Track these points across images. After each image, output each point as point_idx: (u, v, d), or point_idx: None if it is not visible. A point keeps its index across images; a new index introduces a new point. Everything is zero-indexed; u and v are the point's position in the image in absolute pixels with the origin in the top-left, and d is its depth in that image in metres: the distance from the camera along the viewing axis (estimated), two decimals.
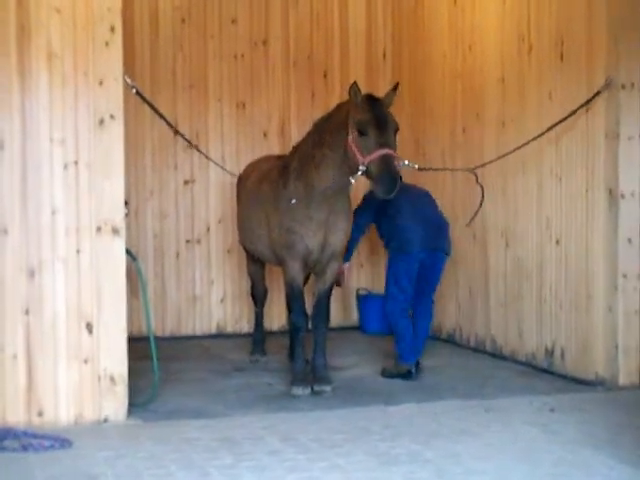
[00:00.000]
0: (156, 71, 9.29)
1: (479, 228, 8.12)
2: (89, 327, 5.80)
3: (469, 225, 8.17)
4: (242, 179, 8.12)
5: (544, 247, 7.46)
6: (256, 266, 8.19)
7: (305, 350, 6.95)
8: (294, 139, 8.60)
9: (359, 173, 6.25)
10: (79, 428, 5.70)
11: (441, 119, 9.13)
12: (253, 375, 7.50)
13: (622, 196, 6.73)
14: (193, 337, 9.32)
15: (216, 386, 7.08)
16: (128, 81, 6.11)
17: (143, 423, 5.89)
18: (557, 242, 7.29)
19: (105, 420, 5.84)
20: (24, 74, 5.71)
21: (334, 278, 7.05)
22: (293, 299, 6.95)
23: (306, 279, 7.83)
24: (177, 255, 9.40)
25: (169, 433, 5.63)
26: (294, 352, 7.04)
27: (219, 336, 9.39)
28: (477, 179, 7.53)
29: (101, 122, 5.79)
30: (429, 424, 5.80)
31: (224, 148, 9.46)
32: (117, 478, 4.77)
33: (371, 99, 6.38)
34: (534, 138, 7.29)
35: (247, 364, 7.96)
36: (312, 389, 6.74)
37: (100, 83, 5.80)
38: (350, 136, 6.28)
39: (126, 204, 5.93)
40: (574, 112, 6.91)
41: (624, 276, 6.75)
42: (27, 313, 5.72)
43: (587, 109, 6.87)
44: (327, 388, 6.76)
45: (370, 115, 6.24)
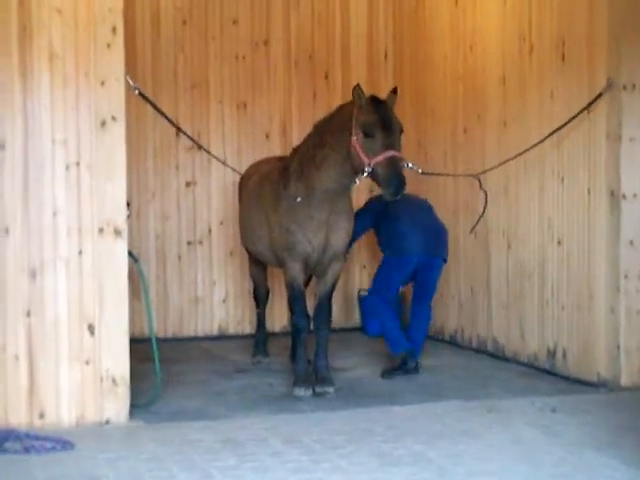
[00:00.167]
0: (157, 72, 9.28)
1: (481, 229, 8.10)
2: (91, 328, 5.79)
3: (472, 232, 8.16)
4: (244, 180, 8.13)
5: (546, 248, 7.45)
6: (258, 268, 8.19)
7: (307, 351, 6.95)
8: (295, 140, 8.60)
9: (364, 174, 6.27)
10: (81, 430, 5.69)
11: (442, 119, 9.12)
12: (255, 376, 7.49)
13: (624, 197, 6.72)
14: (195, 338, 9.30)
15: (218, 387, 7.07)
16: (130, 82, 6.10)
17: (145, 425, 5.88)
18: (559, 243, 7.28)
19: (107, 422, 5.83)
20: (26, 74, 5.71)
21: (335, 279, 7.05)
22: (294, 300, 6.95)
23: (308, 281, 7.85)
24: (179, 257, 9.39)
25: (171, 435, 5.62)
26: (296, 353, 7.03)
27: (221, 337, 9.38)
28: (481, 185, 7.52)
29: (103, 124, 5.78)
30: (432, 425, 5.80)
31: (225, 149, 9.45)
32: None
33: (376, 101, 6.39)
34: (536, 144, 7.29)
35: (249, 365, 7.95)
36: (314, 390, 6.74)
37: (102, 84, 5.79)
38: (354, 137, 6.29)
39: (128, 205, 5.91)
40: (575, 116, 6.91)
41: (626, 277, 6.75)
42: (29, 314, 5.71)
43: (589, 111, 6.87)
44: (329, 389, 6.75)
45: (376, 117, 6.25)
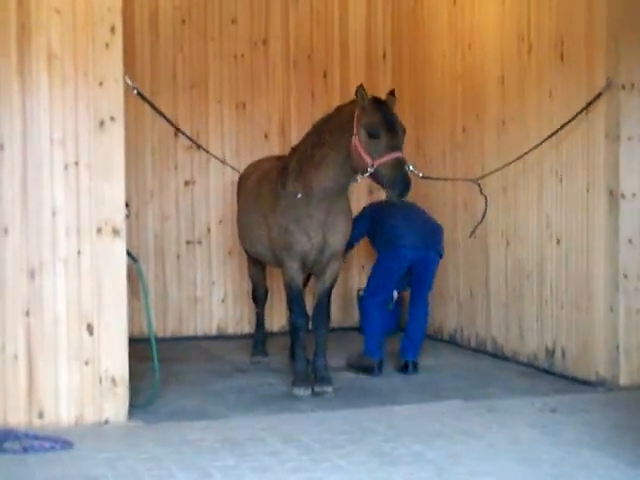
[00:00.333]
0: (156, 72, 9.28)
1: (480, 229, 8.09)
2: (90, 328, 5.79)
3: (471, 236, 8.16)
4: (242, 179, 8.13)
5: (545, 247, 7.45)
6: (257, 268, 8.18)
7: (306, 351, 6.95)
8: (294, 139, 8.59)
9: (366, 174, 6.29)
10: (80, 429, 5.69)
11: (441, 119, 9.12)
12: (254, 376, 7.49)
13: (623, 196, 6.72)
14: (194, 338, 9.30)
15: (217, 387, 7.07)
16: (129, 82, 6.10)
17: (144, 424, 5.88)
18: (558, 242, 7.28)
19: (106, 421, 5.82)
20: (24, 74, 5.70)
21: (334, 279, 7.05)
22: (293, 300, 6.95)
23: (307, 280, 7.85)
24: (178, 256, 9.39)
25: (170, 434, 5.62)
26: (295, 353, 7.04)
27: (220, 337, 9.38)
28: (481, 190, 7.52)
29: (101, 124, 5.77)
30: (431, 424, 5.80)
31: (224, 149, 9.44)
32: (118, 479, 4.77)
33: (379, 102, 6.42)
34: (535, 146, 7.29)
35: (248, 365, 7.95)
36: (313, 390, 6.75)
37: (100, 84, 5.78)
38: (355, 137, 6.30)
39: (127, 205, 5.91)
40: (575, 117, 6.91)
41: (625, 276, 6.75)
42: (28, 314, 5.71)
43: (587, 110, 6.86)
44: (328, 389, 6.76)
45: (380, 118, 6.27)
